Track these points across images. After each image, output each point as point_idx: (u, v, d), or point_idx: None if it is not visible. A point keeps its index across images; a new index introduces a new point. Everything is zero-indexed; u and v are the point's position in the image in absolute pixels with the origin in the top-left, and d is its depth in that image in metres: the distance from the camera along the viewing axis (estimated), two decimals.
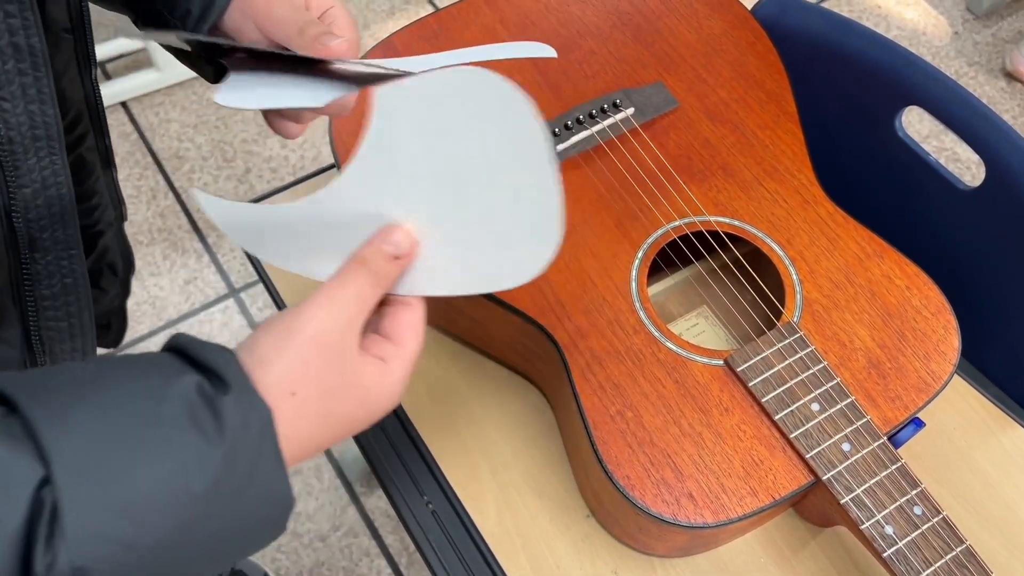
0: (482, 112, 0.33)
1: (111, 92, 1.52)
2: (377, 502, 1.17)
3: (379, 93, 0.34)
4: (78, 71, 0.49)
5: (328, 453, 1.21)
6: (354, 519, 1.16)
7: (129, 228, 1.40)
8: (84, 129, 0.52)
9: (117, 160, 1.53)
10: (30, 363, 0.47)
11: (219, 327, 1.31)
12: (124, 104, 1.55)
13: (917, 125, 1.53)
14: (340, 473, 1.20)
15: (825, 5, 1.73)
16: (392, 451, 0.60)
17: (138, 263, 1.37)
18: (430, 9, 1.70)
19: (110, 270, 0.59)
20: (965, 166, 1.50)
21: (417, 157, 0.34)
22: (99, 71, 1.60)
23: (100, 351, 0.60)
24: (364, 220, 0.36)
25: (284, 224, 0.38)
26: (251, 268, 1.37)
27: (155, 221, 1.42)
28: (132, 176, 1.46)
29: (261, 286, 1.35)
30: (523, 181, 0.34)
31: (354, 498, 1.18)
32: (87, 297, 0.48)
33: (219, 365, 0.30)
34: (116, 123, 1.52)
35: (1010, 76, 1.61)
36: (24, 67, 0.39)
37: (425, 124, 0.34)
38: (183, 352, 0.31)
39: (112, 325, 0.63)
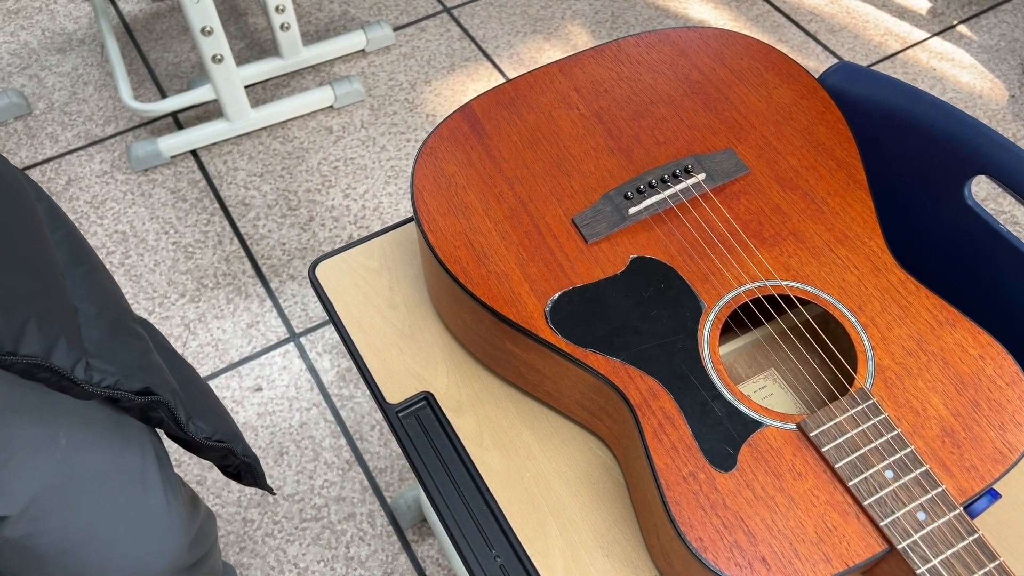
0: None
1: (182, 141, 1.59)
2: (428, 550, 1.18)
3: None
4: None
5: (381, 499, 1.22)
6: (405, 566, 1.17)
7: (195, 272, 1.45)
8: None
9: (186, 206, 1.60)
10: None
11: (279, 370, 1.34)
12: (194, 152, 1.62)
13: (975, 189, 1.53)
14: (392, 520, 1.21)
15: (880, 68, 1.74)
16: (460, 501, 0.61)
17: (202, 306, 1.41)
18: (489, 65, 1.75)
19: None
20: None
21: None
22: (172, 120, 1.68)
23: None
24: None
25: None
26: (311, 314, 1.40)
27: (220, 266, 1.46)
28: (200, 222, 1.52)
29: (321, 331, 1.39)
30: None
31: (405, 545, 1.18)
32: None
33: None
34: (186, 170, 1.59)
35: None
36: None
37: None
38: None
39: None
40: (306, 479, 1.24)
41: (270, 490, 0.82)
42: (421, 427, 0.64)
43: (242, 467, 0.77)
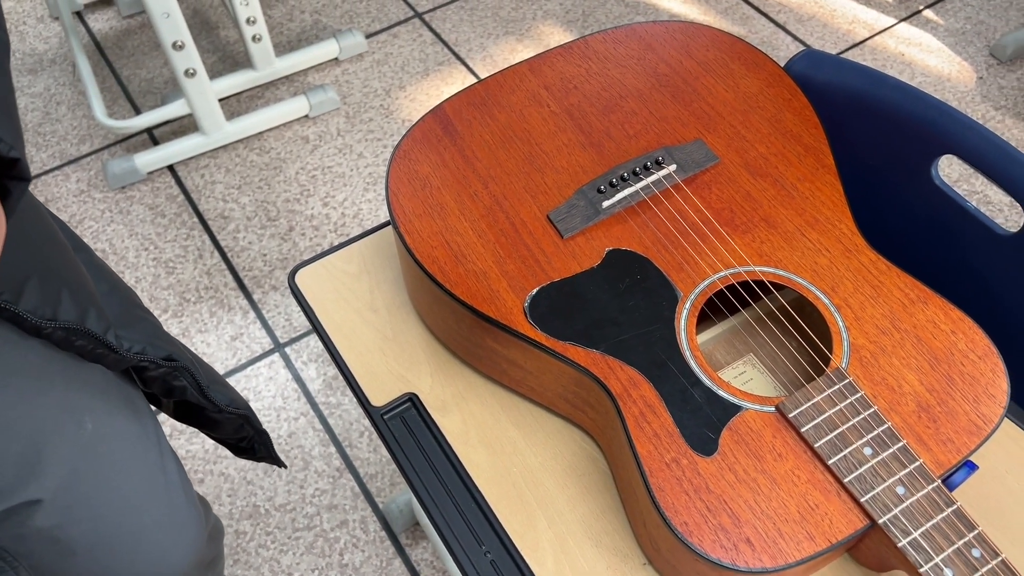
0: None
1: (159, 156, 1.59)
2: (422, 553, 1.18)
3: None
4: None
5: (373, 505, 1.22)
6: (400, 570, 1.17)
7: (177, 287, 1.45)
8: None
9: (165, 221, 1.59)
10: None
11: (265, 381, 1.34)
12: (171, 168, 1.61)
13: (947, 170, 1.55)
14: (385, 525, 1.21)
15: (849, 55, 1.76)
16: (449, 500, 0.62)
17: (185, 321, 1.41)
18: (463, 69, 1.76)
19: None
20: (997, 208, 1.51)
21: None
22: (148, 136, 1.67)
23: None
24: None
25: None
26: (295, 323, 1.40)
27: (202, 279, 1.46)
28: (179, 236, 1.52)
29: (306, 340, 1.38)
30: None
31: (399, 550, 1.19)
32: None
33: None
34: (163, 186, 1.58)
35: None
36: None
37: None
38: None
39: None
40: (297, 488, 1.24)
41: (281, 463, 0.82)
42: (407, 428, 0.64)
43: (256, 438, 0.76)
